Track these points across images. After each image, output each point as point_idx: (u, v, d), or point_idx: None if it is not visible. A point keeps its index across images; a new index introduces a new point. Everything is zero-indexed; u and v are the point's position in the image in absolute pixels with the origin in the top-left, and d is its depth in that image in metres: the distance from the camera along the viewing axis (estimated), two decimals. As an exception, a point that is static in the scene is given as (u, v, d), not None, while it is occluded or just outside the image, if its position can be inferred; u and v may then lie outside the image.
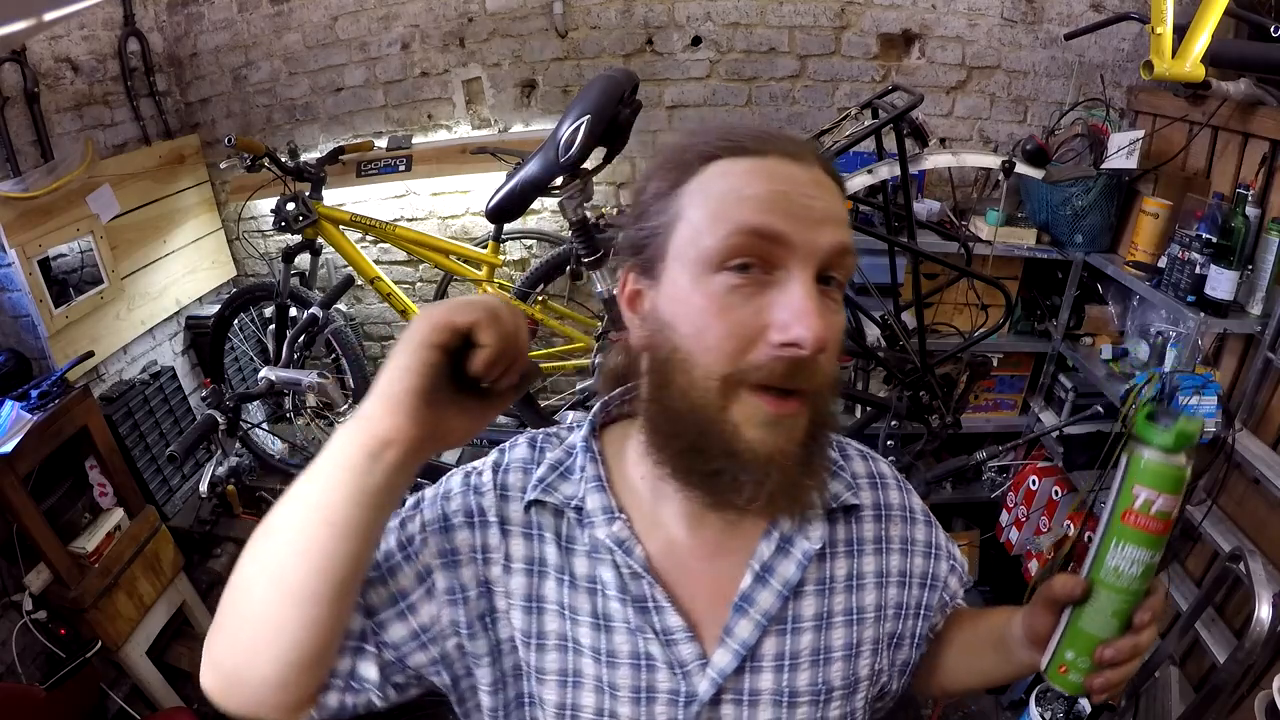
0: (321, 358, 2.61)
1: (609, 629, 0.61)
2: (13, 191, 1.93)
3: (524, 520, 0.64)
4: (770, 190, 0.53)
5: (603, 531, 0.61)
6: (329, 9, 2.49)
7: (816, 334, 0.51)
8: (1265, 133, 1.69)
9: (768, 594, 0.61)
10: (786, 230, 0.52)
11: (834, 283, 0.55)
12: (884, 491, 0.70)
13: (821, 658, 0.63)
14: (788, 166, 0.54)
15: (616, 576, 0.61)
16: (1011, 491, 2.42)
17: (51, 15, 0.47)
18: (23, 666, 1.73)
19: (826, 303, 0.54)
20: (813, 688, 0.63)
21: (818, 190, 0.54)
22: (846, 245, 0.55)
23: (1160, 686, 1.74)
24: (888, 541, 0.68)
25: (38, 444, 1.73)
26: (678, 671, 0.60)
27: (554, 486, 0.64)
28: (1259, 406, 1.71)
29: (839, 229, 0.54)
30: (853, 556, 0.66)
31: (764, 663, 0.61)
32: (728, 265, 0.52)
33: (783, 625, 0.62)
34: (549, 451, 0.67)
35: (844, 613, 0.65)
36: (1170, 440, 0.55)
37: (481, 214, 2.40)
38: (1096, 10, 2.24)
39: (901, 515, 0.70)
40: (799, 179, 0.54)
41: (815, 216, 0.53)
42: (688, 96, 2.51)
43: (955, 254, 1.97)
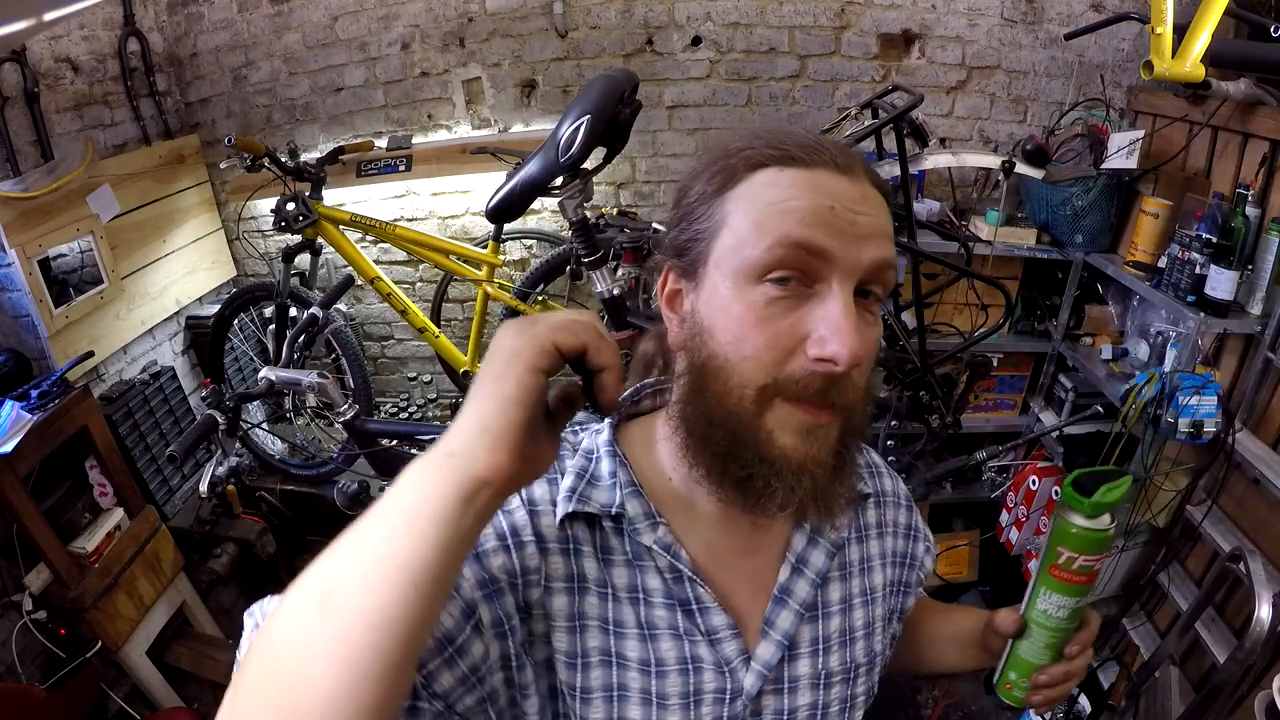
0: (321, 358, 2.61)
1: (654, 637, 0.60)
2: (13, 191, 1.93)
3: (559, 535, 0.60)
4: (816, 204, 0.53)
5: (649, 538, 0.60)
6: (329, 9, 2.49)
7: (852, 351, 0.51)
8: (1265, 133, 1.69)
9: (803, 584, 0.64)
10: (830, 245, 0.52)
11: (873, 296, 0.56)
12: (880, 479, 0.75)
13: (848, 638, 0.67)
14: (836, 180, 0.54)
15: (661, 582, 0.60)
16: (1011, 491, 2.42)
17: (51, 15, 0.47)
18: (23, 666, 1.73)
19: (864, 316, 0.55)
20: (843, 667, 0.66)
21: (864, 205, 0.54)
22: (888, 260, 0.55)
23: (1160, 686, 1.74)
24: (887, 525, 0.73)
25: (38, 444, 1.73)
26: (724, 670, 0.60)
27: (587, 496, 0.61)
28: (1259, 406, 1.71)
29: (883, 244, 0.55)
30: (863, 541, 0.71)
31: (801, 650, 0.64)
32: (769, 277, 0.53)
33: (814, 612, 0.65)
34: (566, 459, 0.64)
35: (861, 594, 0.69)
36: (1088, 510, 0.62)
37: (481, 214, 2.40)
38: (1096, 10, 2.24)
39: (894, 501, 0.75)
40: (846, 193, 0.54)
41: (860, 232, 0.53)
42: (688, 96, 2.51)
43: (955, 254, 1.97)
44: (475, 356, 2.38)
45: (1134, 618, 2.01)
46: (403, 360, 3.06)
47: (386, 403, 2.99)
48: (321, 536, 1.82)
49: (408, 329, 2.64)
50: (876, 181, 0.57)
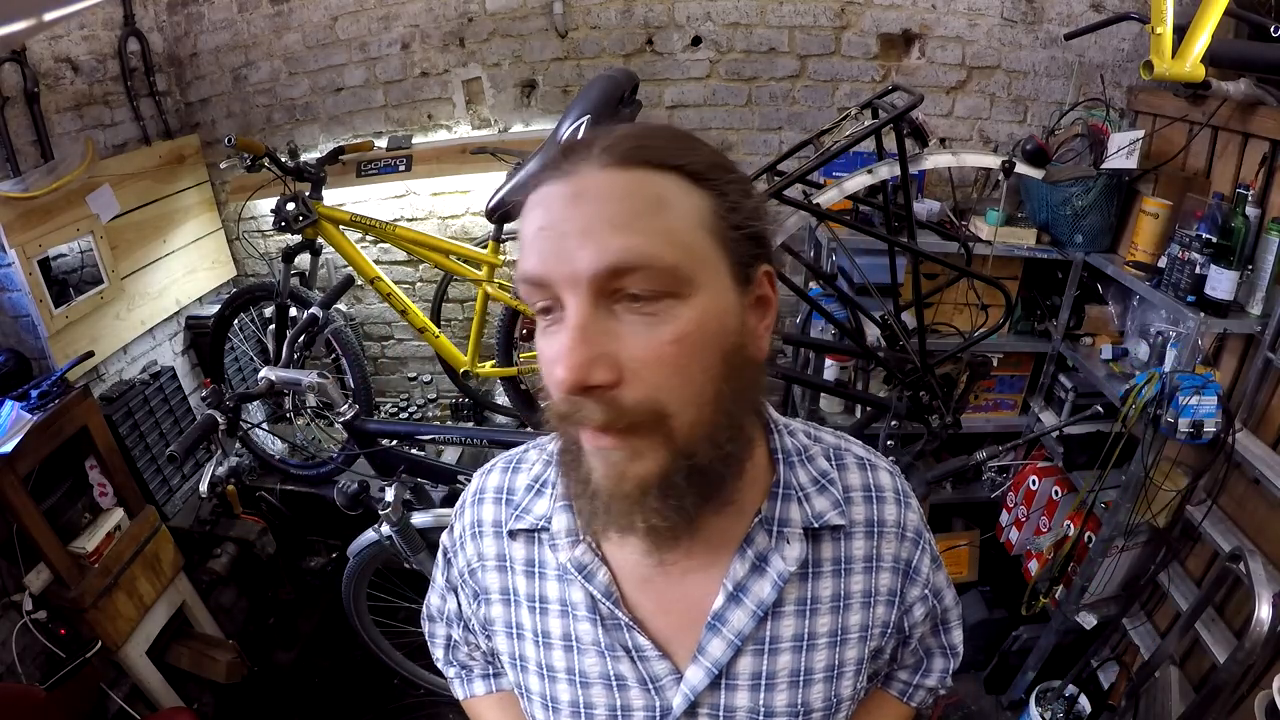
0: (321, 358, 2.61)
1: (580, 650, 0.62)
2: (13, 191, 1.93)
3: (497, 553, 0.66)
4: (535, 231, 0.50)
5: (564, 555, 0.61)
6: (329, 9, 2.49)
7: (572, 372, 0.47)
8: (1265, 133, 1.69)
9: (741, 613, 0.60)
10: (543, 272, 0.49)
11: (645, 295, 0.48)
12: (879, 506, 0.65)
13: (801, 679, 0.62)
14: (553, 188, 0.50)
15: (586, 597, 0.61)
16: (1011, 491, 2.42)
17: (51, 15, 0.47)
18: (23, 666, 1.73)
19: (637, 318, 0.48)
20: (790, 708, 0.62)
21: (576, 207, 0.48)
22: (619, 252, 0.46)
23: (1160, 686, 1.74)
24: (879, 560, 0.64)
25: (38, 444, 1.73)
26: (650, 688, 0.60)
27: (528, 509, 0.65)
28: (1259, 406, 1.71)
29: (607, 238, 0.47)
30: (840, 576, 0.63)
31: (739, 681, 0.61)
32: (537, 311, 0.52)
33: (759, 645, 0.61)
34: (523, 472, 0.68)
35: (828, 634, 0.62)
36: None
37: (481, 214, 2.40)
38: (1096, 10, 2.24)
39: (896, 533, 0.65)
40: (556, 203, 0.49)
41: (569, 243, 0.47)
42: (688, 96, 2.51)
43: (955, 254, 1.97)
44: (475, 356, 2.38)
45: (1134, 618, 2.01)
46: (403, 360, 3.06)
47: (386, 403, 2.99)
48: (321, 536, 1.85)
49: (408, 329, 2.64)
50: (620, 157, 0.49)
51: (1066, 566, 2.11)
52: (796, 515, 0.61)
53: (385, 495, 1.63)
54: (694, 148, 0.52)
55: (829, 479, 0.64)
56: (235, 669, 2.19)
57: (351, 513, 1.66)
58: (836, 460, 0.66)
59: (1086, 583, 2.02)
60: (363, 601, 1.98)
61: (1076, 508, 2.11)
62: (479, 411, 2.76)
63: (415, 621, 2.00)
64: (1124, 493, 1.86)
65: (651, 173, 0.49)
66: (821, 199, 1.80)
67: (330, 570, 2.47)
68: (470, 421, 2.75)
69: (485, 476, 0.70)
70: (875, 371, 2.17)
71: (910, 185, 1.78)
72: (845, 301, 1.97)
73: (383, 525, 1.65)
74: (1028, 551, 2.30)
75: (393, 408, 2.93)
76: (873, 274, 1.91)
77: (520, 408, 2.53)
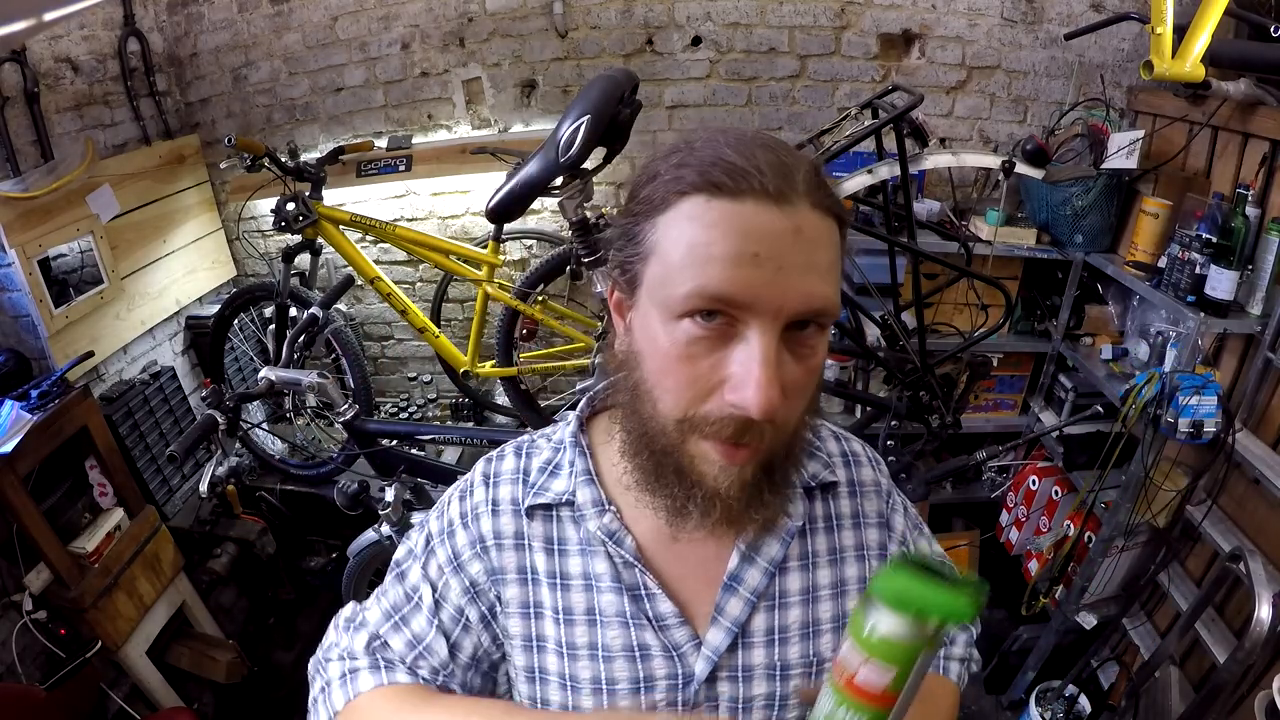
0: (321, 358, 2.61)
1: (604, 623, 0.64)
2: (13, 191, 1.93)
3: (514, 531, 0.67)
4: (738, 250, 0.49)
5: (594, 524, 0.64)
6: (329, 9, 2.49)
7: (766, 401, 0.49)
8: (1265, 133, 1.69)
9: (755, 571, 0.64)
10: (749, 298, 0.50)
11: (812, 327, 0.53)
12: (857, 469, 0.73)
13: (810, 630, 0.66)
14: (766, 213, 0.50)
15: (610, 567, 0.64)
16: (1011, 491, 2.42)
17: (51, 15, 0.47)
18: (23, 666, 1.73)
19: (798, 351, 0.53)
20: (803, 659, 0.65)
21: (795, 242, 0.50)
22: (824, 299, 0.51)
23: (1160, 686, 1.74)
24: (864, 516, 0.71)
25: (38, 444, 1.73)
26: (673, 655, 0.63)
27: (545, 487, 0.67)
28: (1259, 406, 1.71)
29: (816, 283, 0.51)
30: (833, 531, 0.69)
31: (755, 638, 0.64)
32: (692, 315, 0.52)
33: (771, 601, 0.65)
34: (535, 456, 0.70)
35: (829, 586, 0.68)
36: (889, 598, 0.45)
37: (481, 214, 2.40)
38: (1096, 10, 2.24)
39: (875, 490, 0.73)
40: (774, 230, 0.50)
41: (787, 276, 0.50)
42: (688, 96, 2.51)
43: (955, 254, 1.97)
44: (475, 356, 2.38)
45: (1134, 618, 2.01)
46: (403, 360, 3.06)
47: (386, 403, 2.99)
48: (321, 536, 1.85)
49: (408, 329, 2.64)
50: (823, 201, 0.53)
51: (1066, 566, 2.12)
52: (794, 478, 0.66)
53: (385, 495, 1.63)
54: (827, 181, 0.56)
55: (815, 446, 0.71)
56: (235, 669, 2.19)
57: (351, 513, 1.67)
58: (814, 433, 0.72)
59: (1086, 583, 2.02)
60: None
61: (1076, 508, 2.11)
62: (479, 411, 2.76)
63: (415, 621, 2.01)
64: (1124, 493, 1.86)
65: (832, 220, 0.53)
66: (821, 199, 1.80)
67: (330, 570, 2.47)
68: (470, 421, 2.76)
69: (497, 462, 0.71)
70: (875, 371, 2.17)
71: (910, 185, 1.78)
72: (845, 301, 1.97)
73: (383, 525, 1.66)
74: (1028, 551, 2.30)
75: (393, 408, 2.93)
76: (873, 274, 1.91)
77: (520, 408, 2.53)
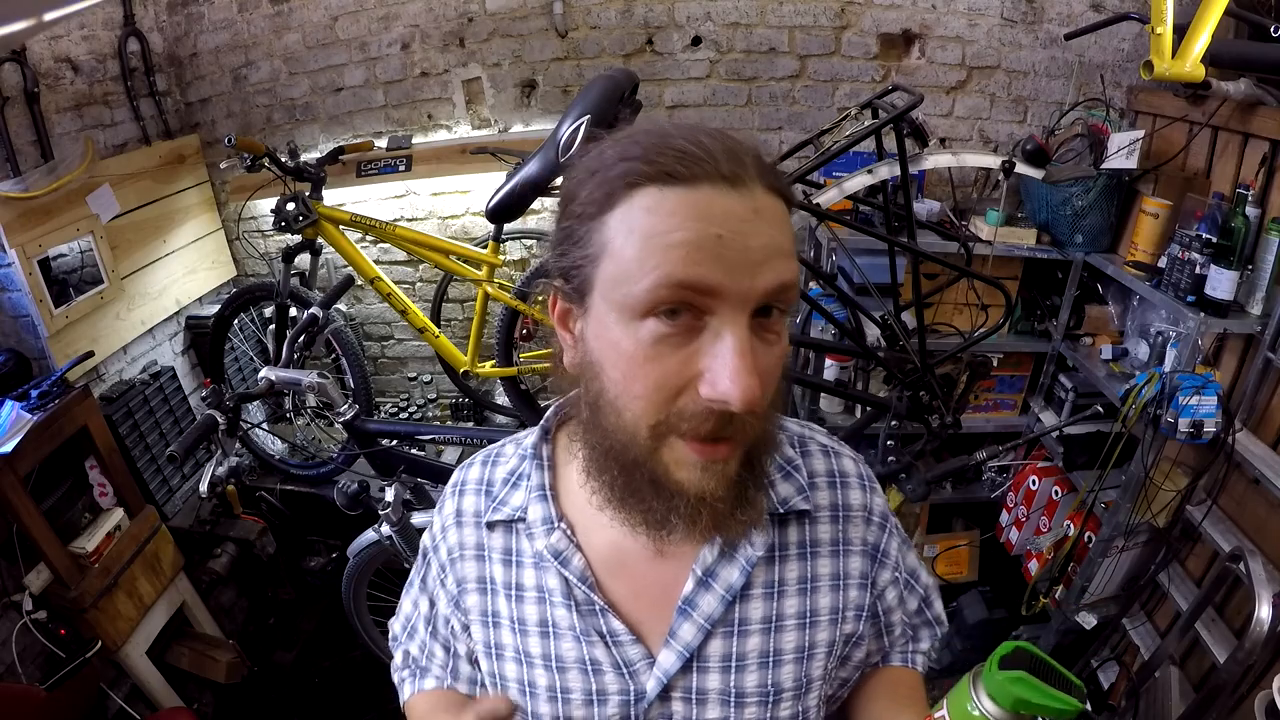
0: (321, 358, 2.61)
1: (556, 635, 0.64)
2: (13, 191, 1.93)
3: (476, 542, 0.68)
4: (700, 234, 0.47)
5: (541, 543, 0.63)
6: (329, 9, 2.49)
7: (747, 391, 0.47)
8: (1265, 133, 1.69)
9: (711, 598, 0.61)
10: (719, 282, 0.47)
11: (775, 312, 0.51)
12: (844, 491, 0.67)
13: (770, 660, 0.63)
14: (723, 197, 0.48)
15: (562, 583, 0.63)
16: (1011, 491, 2.42)
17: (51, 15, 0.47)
18: (23, 666, 1.73)
19: (764, 337, 0.51)
20: (760, 689, 0.63)
21: (757, 224, 0.48)
22: (788, 282, 0.50)
23: (1160, 686, 1.74)
24: (846, 543, 0.66)
25: (38, 444, 1.73)
26: (624, 671, 0.62)
27: (505, 501, 0.67)
28: (1259, 406, 1.71)
29: (781, 264, 0.49)
30: (806, 559, 0.65)
31: (710, 663, 0.62)
32: (656, 312, 0.49)
33: (729, 628, 0.62)
34: (501, 465, 0.70)
35: (796, 616, 0.64)
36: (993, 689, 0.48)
37: (481, 214, 2.40)
38: (1096, 10, 2.24)
39: (863, 515, 0.68)
40: (735, 213, 0.48)
41: (753, 258, 0.48)
42: (688, 96, 2.51)
43: (955, 254, 1.97)
44: (475, 356, 2.38)
45: (1134, 618, 2.01)
46: (403, 360, 3.06)
47: (386, 403, 2.99)
48: (321, 536, 1.85)
49: (408, 329, 2.64)
50: (773, 183, 0.51)
51: (1066, 566, 2.11)
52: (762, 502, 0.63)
53: (385, 495, 1.63)
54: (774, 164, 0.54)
55: (794, 465, 0.66)
56: (235, 669, 2.19)
57: (351, 513, 1.67)
58: (801, 448, 0.69)
59: (1086, 583, 2.02)
60: (363, 601, 1.98)
61: (1076, 508, 2.11)
62: (479, 411, 2.76)
63: (415, 621, 2.01)
64: (1124, 493, 1.86)
65: (782, 199, 0.52)
66: (821, 199, 1.80)
67: (330, 570, 2.47)
68: (470, 421, 2.76)
69: (466, 470, 0.72)
70: (875, 371, 2.17)
71: (910, 185, 1.78)
72: (845, 301, 1.97)
73: (383, 525, 1.65)
74: (1028, 551, 2.30)
75: (393, 408, 2.93)
76: (873, 274, 1.91)
77: (520, 408, 2.53)
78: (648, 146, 0.50)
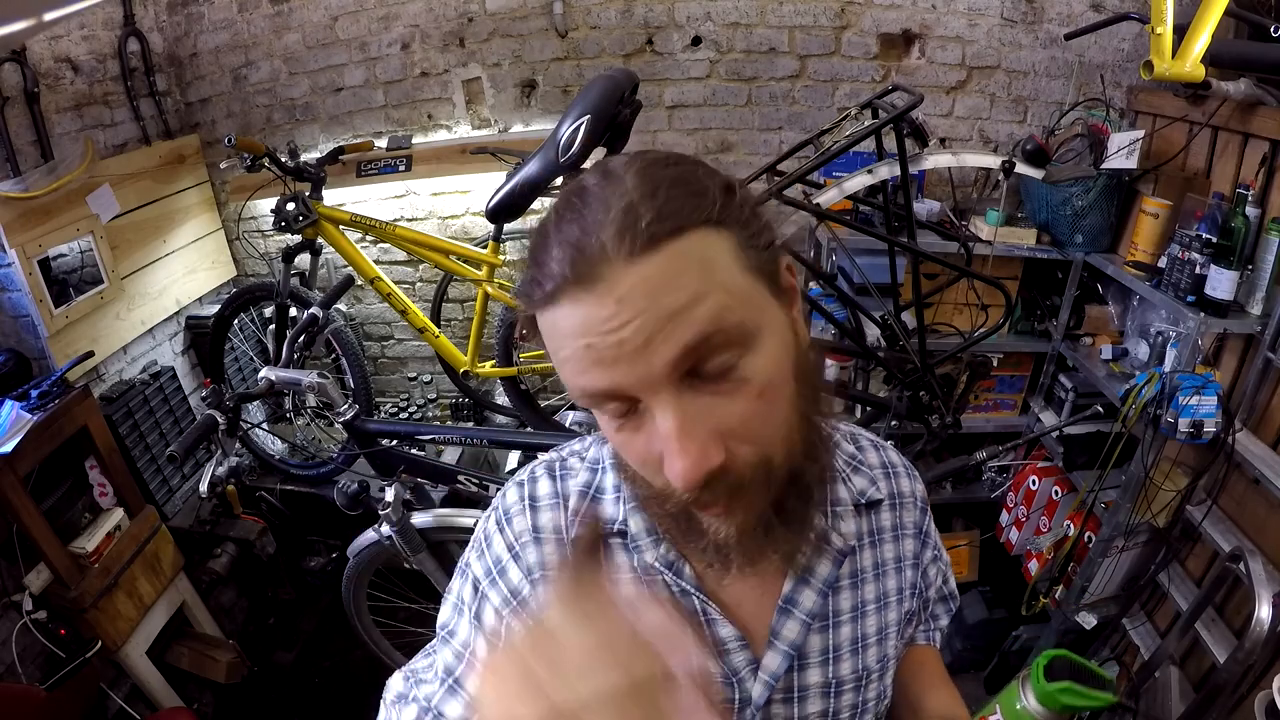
0: (321, 358, 2.61)
1: None
2: (13, 191, 1.93)
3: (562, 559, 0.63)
4: (572, 350, 0.46)
5: (651, 555, 0.61)
6: (329, 9, 2.49)
7: (691, 469, 0.46)
8: (1265, 133, 1.69)
9: (810, 593, 0.63)
10: (612, 385, 0.46)
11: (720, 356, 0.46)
12: (896, 480, 0.72)
13: (860, 645, 0.66)
14: (579, 305, 0.45)
15: (668, 594, 0.61)
16: (1011, 491, 2.42)
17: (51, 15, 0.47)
18: (23, 666, 1.73)
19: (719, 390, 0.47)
20: (854, 674, 0.65)
21: (621, 312, 0.44)
22: (698, 330, 0.44)
23: (1160, 686, 1.74)
24: (902, 528, 0.70)
25: (38, 444, 1.73)
26: (732, 680, 0.61)
27: (591, 515, 0.64)
28: (1259, 406, 1.71)
29: (679, 323, 0.44)
30: (876, 546, 0.68)
31: (810, 659, 0.63)
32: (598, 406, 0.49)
33: (825, 621, 0.64)
34: (571, 478, 0.66)
35: (875, 600, 0.67)
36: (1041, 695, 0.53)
37: (481, 214, 2.40)
38: (1096, 10, 2.24)
39: (912, 502, 0.72)
40: (594, 316, 0.45)
41: (628, 350, 0.44)
42: (688, 96, 2.51)
43: (955, 254, 1.97)
44: (475, 356, 2.38)
45: (1134, 618, 2.01)
46: (403, 360, 3.06)
47: (386, 403, 2.99)
48: (321, 536, 1.84)
49: (408, 329, 2.64)
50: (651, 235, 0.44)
51: (1066, 566, 2.12)
52: (844, 494, 0.66)
53: (385, 495, 1.63)
54: (700, 186, 0.48)
55: (858, 460, 0.70)
56: (235, 669, 2.19)
57: (351, 513, 1.67)
58: (855, 444, 0.72)
59: (1086, 583, 2.02)
60: (363, 601, 1.98)
61: (1076, 508, 2.11)
62: (479, 411, 2.76)
63: (415, 621, 2.01)
64: (1124, 493, 1.86)
65: (678, 241, 0.45)
66: (821, 199, 1.80)
67: (330, 570, 2.47)
68: (470, 421, 2.75)
69: (532, 484, 0.67)
70: (875, 371, 2.17)
71: (910, 185, 1.78)
72: (845, 301, 1.97)
73: (383, 525, 1.65)
74: (1028, 551, 2.30)
75: (393, 408, 2.93)
76: (873, 274, 1.91)
77: (520, 408, 2.53)
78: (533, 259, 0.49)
